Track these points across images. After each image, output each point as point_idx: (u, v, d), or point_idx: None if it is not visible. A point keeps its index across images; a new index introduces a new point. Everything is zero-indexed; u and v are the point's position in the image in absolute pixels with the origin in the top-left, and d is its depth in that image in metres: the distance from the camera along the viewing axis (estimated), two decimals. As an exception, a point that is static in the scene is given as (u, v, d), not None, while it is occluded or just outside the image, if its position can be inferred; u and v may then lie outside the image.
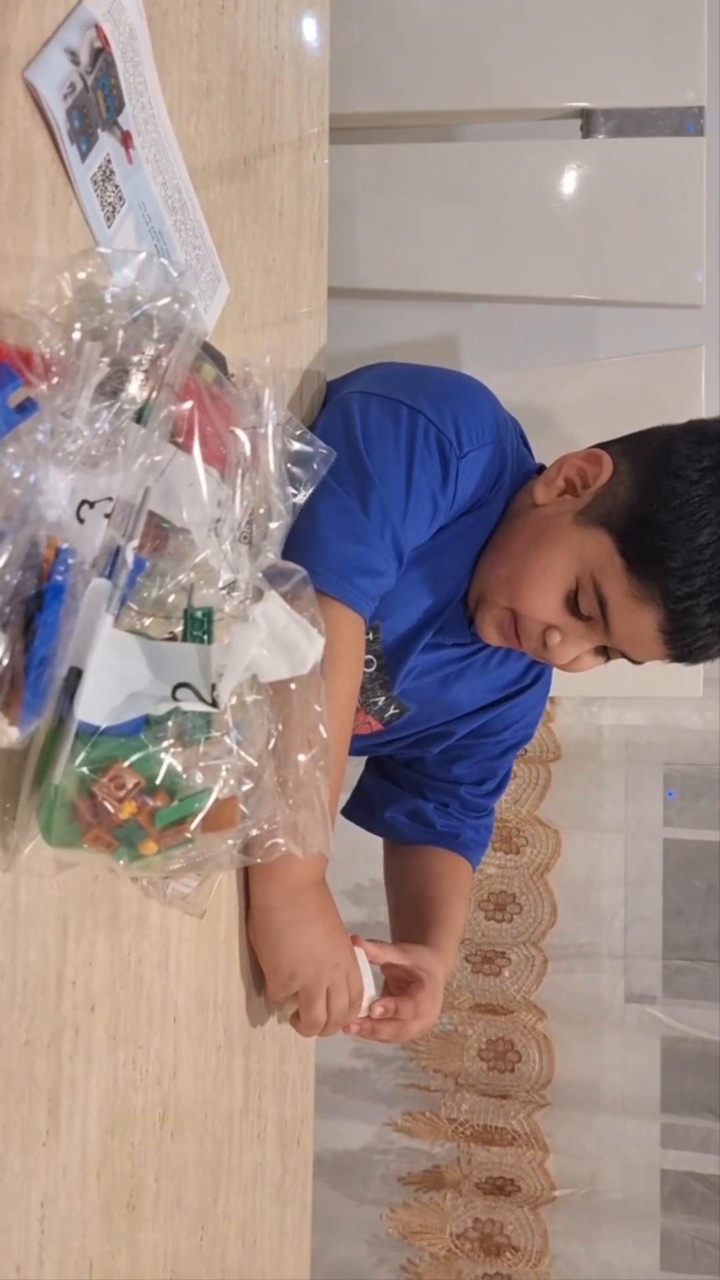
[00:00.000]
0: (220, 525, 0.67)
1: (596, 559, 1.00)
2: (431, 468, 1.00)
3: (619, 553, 0.99)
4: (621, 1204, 1.84)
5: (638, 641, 1.02)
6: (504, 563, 1.07)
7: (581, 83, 1.52)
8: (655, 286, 1.52)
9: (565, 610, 1.03)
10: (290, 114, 1.06)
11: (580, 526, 1.01)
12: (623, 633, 1.01)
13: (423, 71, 1.51)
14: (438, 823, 1.23)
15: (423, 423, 1.00)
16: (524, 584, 1.03)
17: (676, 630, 0.98)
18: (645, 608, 0.98)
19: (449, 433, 1.01)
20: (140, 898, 0.75)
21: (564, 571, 1.01)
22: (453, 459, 1.01)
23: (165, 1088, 0.80)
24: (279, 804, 0.63)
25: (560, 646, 1.04)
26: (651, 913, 1.88)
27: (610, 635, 1.02)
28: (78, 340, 0.53)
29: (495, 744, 1.27)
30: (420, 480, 0.99)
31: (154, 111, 0.79)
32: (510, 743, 1.29)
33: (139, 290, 0.55)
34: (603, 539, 1.00)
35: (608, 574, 0.99)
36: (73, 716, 0.56)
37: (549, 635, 1.04)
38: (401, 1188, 1.92)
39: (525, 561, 1.04)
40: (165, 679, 0.60)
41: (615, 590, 0.99)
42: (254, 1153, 0.98)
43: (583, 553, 1.00)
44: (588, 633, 1.04)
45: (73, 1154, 0.68)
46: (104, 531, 0.57)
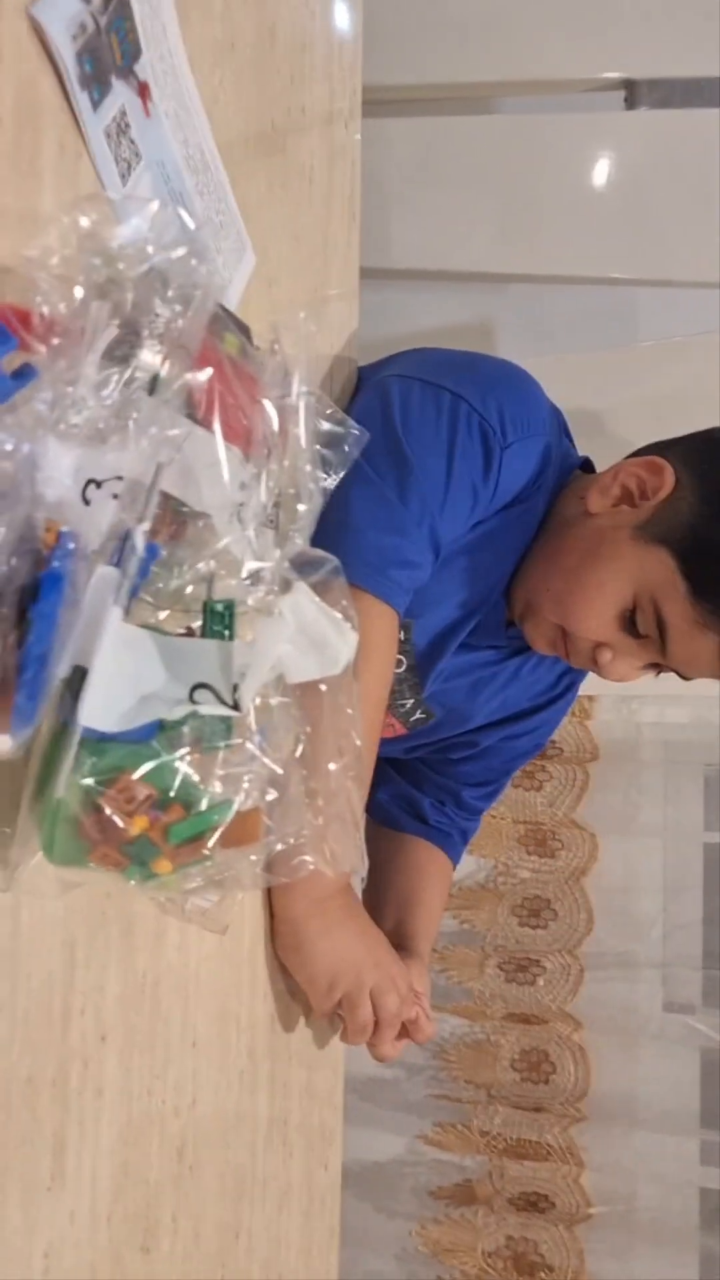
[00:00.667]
0: (244, 510, 0.61)
1: (657, 580, 0.94)
2: (473, 457, 0.94)
3: (682, 575, 0.93)
4: (659, 1223, 1.77)
5: (696, 665, 0.97)
6: (555, 577, 1.01)
7: (624, 52, 1.44)
8: (701, 265, 1.45)
9: (619, 628, 0.98)
10: (321, 77, 1.00)
11: (639, 543, 0.96)
12: (681, 655, 0.96)
13: (458, 41, 1.44)
14: (430, 818, 1.19)
15: (465, 409, 0.95)
16: (577, 602, 0.98)
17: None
18: (707, 633, 0.93)
19: (493, 421, 0.95)
20: (157, 915, 0.70)
21: (620, 589, 0.96)
22: (496, 449, 0.95)
23: (184, 1119, 0.75)
24: (307, 817, 0.57)
25: (612, 664, 1.00)
26: (691, 920, 1.81)
27: (666, 656, 0.97)
28: (82, 298, 0.46)
29: (509, 750, 1.22)
30: (461, 469, 0.94)
31: (174, 62, 0.73)
32: (523, 750, 1.25)
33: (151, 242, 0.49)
34: (665, 559, 0.94)
35: (669, 596, 0.94)
36: (76, 721, 0.50)
37: (600, 653, 1.00)
38: (432, 1202, 1.86)
39: (578, 578, 0.98)
40: (182, 679, 0.54)
41: (676, 614, 0.94)
42: (279, 1181, 0.92)
43: (642, 572, 0.95)
44: (641, 651, 0.99)
45: (80, 1198, 0.63)
46: (112, 514, 0.51)
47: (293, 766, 0.58)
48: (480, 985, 1.83)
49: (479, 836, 1.83)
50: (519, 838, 1.84)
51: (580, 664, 1.03)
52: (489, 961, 1.84)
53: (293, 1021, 0.93)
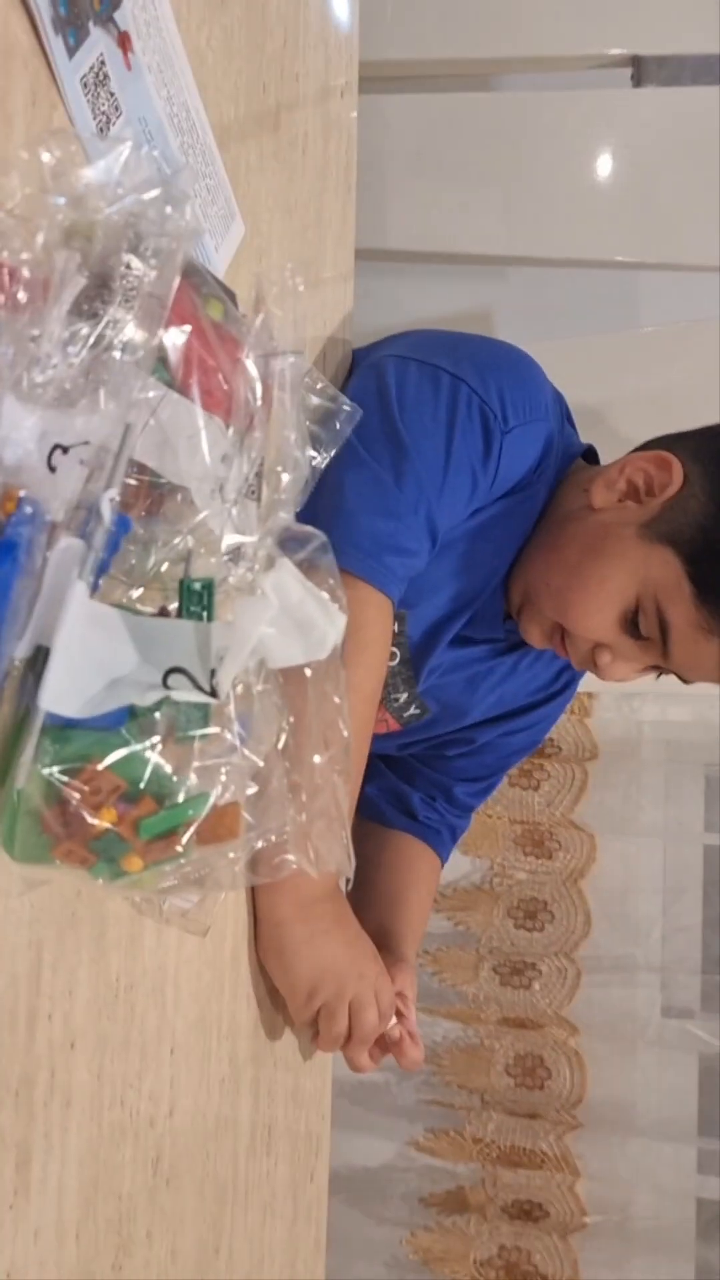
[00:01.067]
0: (225, 484, 0.57)
1: (662, 581, 0.91)
2: (473, 440, 0.91)
3: (688, 577, 0.90)
4: (655, 1233, 1.73)
5: (698, 669, 0.94)
6: (555, 571, 0.97)
7: (631, 28, 1.40)
8: (709, 248, 1.41)
9: (620, 629, 0.94)
10: (316, 43, 0.96)
11: (645, 541, 0.92)
12: (683, 659, 0.93)
13: (459, 16, 1.40)
14: (420, 813, 1.15)
15: (465, 391, 0.91)
16: (576, 599, 0.95)
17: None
18: (712, 638, 0.90)
19: (493, 404, 0.91)
20: (132, 915, 0.66)
21: (623, 589, 0.92)
22: (496, 433, 0.91)
23: (160, 1130, 0.71)
24: (290, 813, 0.53)
25: (610, 665, 0.96)
26: (691, 923, 1.77)
27: (668, 659, 0.94)
28: (44, 243, 0.43)
29: (505, 746, 1.19)
30: (460, 453, 0.90)
31: (158, 13, 0.69)
32: (519, 747, 1.21)
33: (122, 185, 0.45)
34: (670, 559, 0.90)
35: (674, 599, 0.90)
36: (38, 706, 0.46)
37: (599, 653, 0.96)
38: (423, 1209, 1.82)
39: (579, 574, 0.95)
40: (155, 663, 0.50)
41: (680, 617, 0.90)
42: (262, 1193, 0.88)
43: (647, 571, 0.91)
44: (642, 653, 0.95)
45: (46, 1214, 0.59)
46: (79, 482, 0.47)
47: (275, 758, 0.54)
48: (474, 988, 1.79)
49: (474, 836, 1.79)
50: (515, 838, 1.80)
51: (578, 663, 1.00)
52: (483, 964, 1.80)
53: (278, 1027, 0.89)
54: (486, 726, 1.16)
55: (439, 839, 1.15)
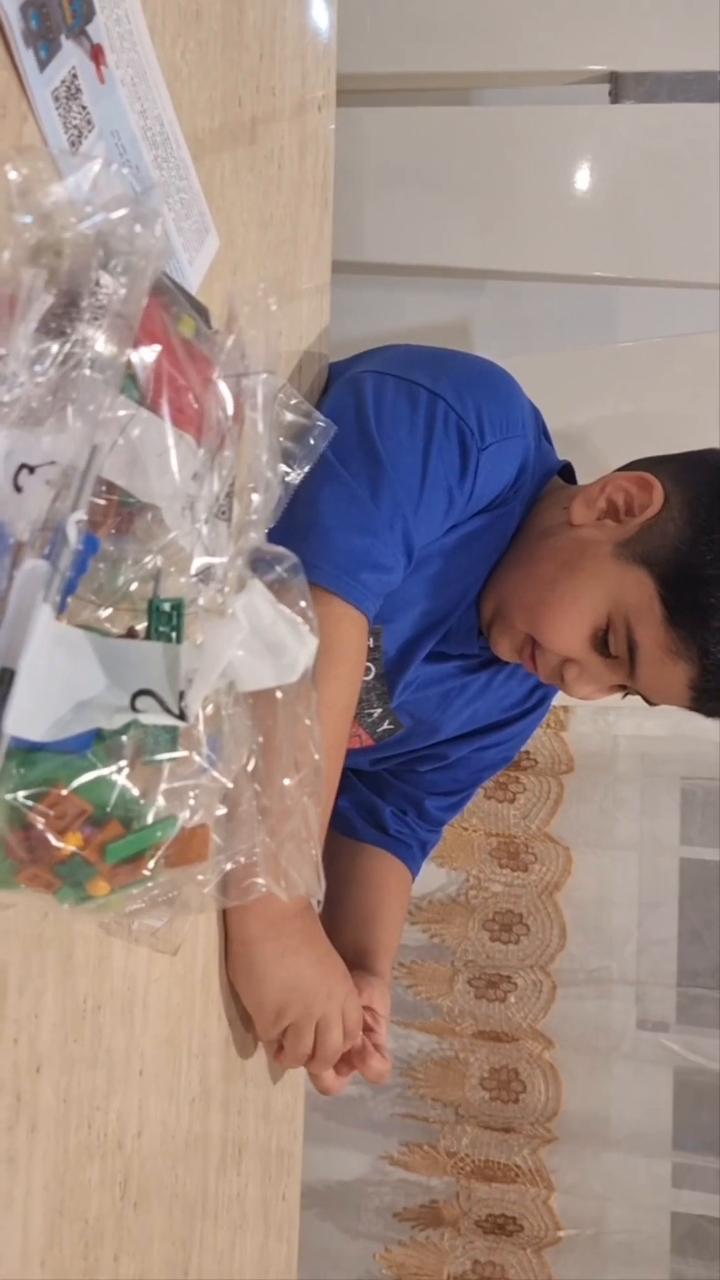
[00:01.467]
0: (195, 502, 0.56)
1: (634, 601, 0.91)
2: (450, 458, 0.91)
3: (660, 600, 0.90)
4: (629, 1247, 1.73)
5: (663, 692, 0.95)
6: (529, 586, 0.98)
7: (611, 44, 1.41)
8: (685, 265, 1.41)
9: (590, 646, 0.95)
10: (293, 57, 0.96)
11: (621, 561, 0.93)
12: (648, 680, 0.94)
13: (438, 29, 1.40)
14: (391, 827, 1.15)
15: (443, 408, 0.91)
16: (550, 614, 0.95)
17: (708, 690, 0.92)
18: (679, 662, 0.91)
19: (471, 421, 0.91)
20: (100, 936, 0.65)
21: (595, 606, 0.93)
22: (473, 450, 0.91)
23: (128, 1152, 0.70)
24: (259, 835, 0.53)
25: (577, 681, 0.97)
26: (666, 936, 1.77)
27: (634, 679, 0.95)
28: (9, 260, 0.42)
29: (478, 761, 1.19)
30: (437, 470, 0.90)
31: (132, 26, 0.68)
32: (492, 762, 1.21)
33: (91, 203, 0.45)
34: (644, 580, 0.91)
35: (645, 620, 0.91)
36: (1, 730, 0.45)
37: (567, 669, 0.97)
38: (397, 1223, 1.81)
39: (554, 589, 0.95)
40: (123, 684, 0.50)
41: (649, 639, 0.91)
42: (232, 1214, 0.87)
43: (620, 591, 0.92)
44: (609, 672, 0.96)
45: (10, 1243, 0.58)
46: (45, 503, 0.46)
47: (244, 781, 0.54)
48: (449, 1002, 1.79)
49: (450, 848, 1.79)
50: (491, 850, 1.80)
51: (546, 677, 1.00)
52: (459, 977, 1.79)
53: (249, 1044, 0.88)
54: (459, 742, 1.16)
55: (410, 853, 1.15)
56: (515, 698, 1.17)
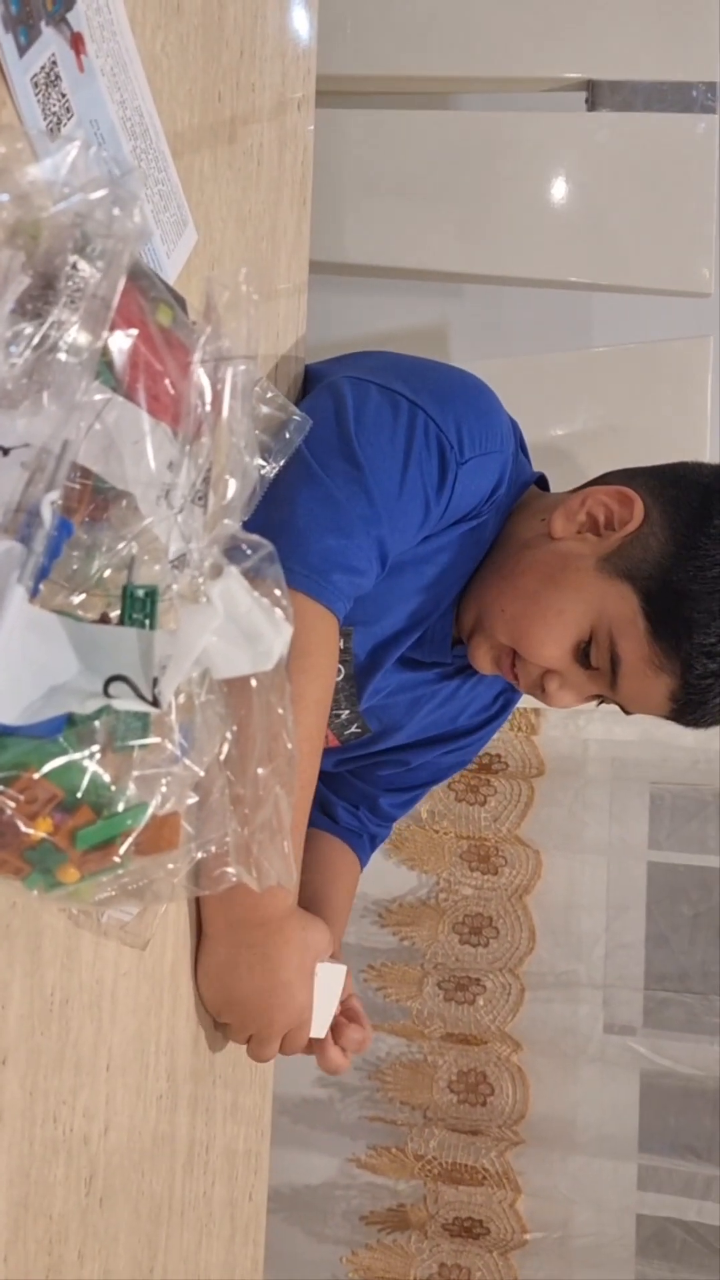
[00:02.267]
0: (171, 490, 0.56)
1: (617, 615, 0.92)
2: (429, 469, 0.91)
3: (643, 614, 0.92)
4: (595, 1249, 1.73)
5: (643, 703, 0.96)
6: (511, 598, 0.98)
7: (588, 53, 1.42)
8: (660, 272, 1.43)
9: (572, 658, 0.96)
10: (273, 54, 0.96)
11: (603, 575, 0.94)
12: (629, 692, 0.95)
13: (418, 33, 1.41)
14: (341, 820, 1.15)
15: (423, 419, 0.92)
16: (533, 626, 0.96)
17: (688, 703, 0.94)
18: (661, 675, 0.92)
19: (450, 435, 0.92)
20: (69, 928, 0.64)
21: (578, 619, 0.94)
22: (452, 464, 0.92)
23: (94, 1148, 0.69)
24: (231, 824, 0.52)
25: (559, 692, 0.98)
26: (634, 940, 1.78)
27: (615, 691, 0.96)
28: (-12, 241, 0.42)
29: (436, 765, 1.20)
30: (415, 480, 0.90)
31: (112, 16, 0.68)
32: (450, 765, 1.22)
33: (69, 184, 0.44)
34: (627, 595, 0.92)
35: (628, 634, 0.92)
36: (-27, 712, 0.45)
37: (548, 680, 0.98)
38: (364, 1227, 1.80)
39: (537, 602, 0.96)
40: (96, 670, 0.49)
41: (632, 652, 0.92)
42: (199, 1212, 0.87)
43: (603, 604, 0.93)
44: (590, 683, 0.97)
45: (-27, 1236, 0.57)
46: (19, 484, 0.46)
47: (216, 769, 0.54)
48: (419, 1004, 1.79)
49: (421, 851, 1.79)
50: (462, 853, 1.80)
51: (526, 687, 1.01)
52: (428, 979, 1.79)
53: (218, 1042, 0.88)
54: (421, 749, 1.16)
55: (359, 843, 1.15)
56: (481, 703, 1.17)
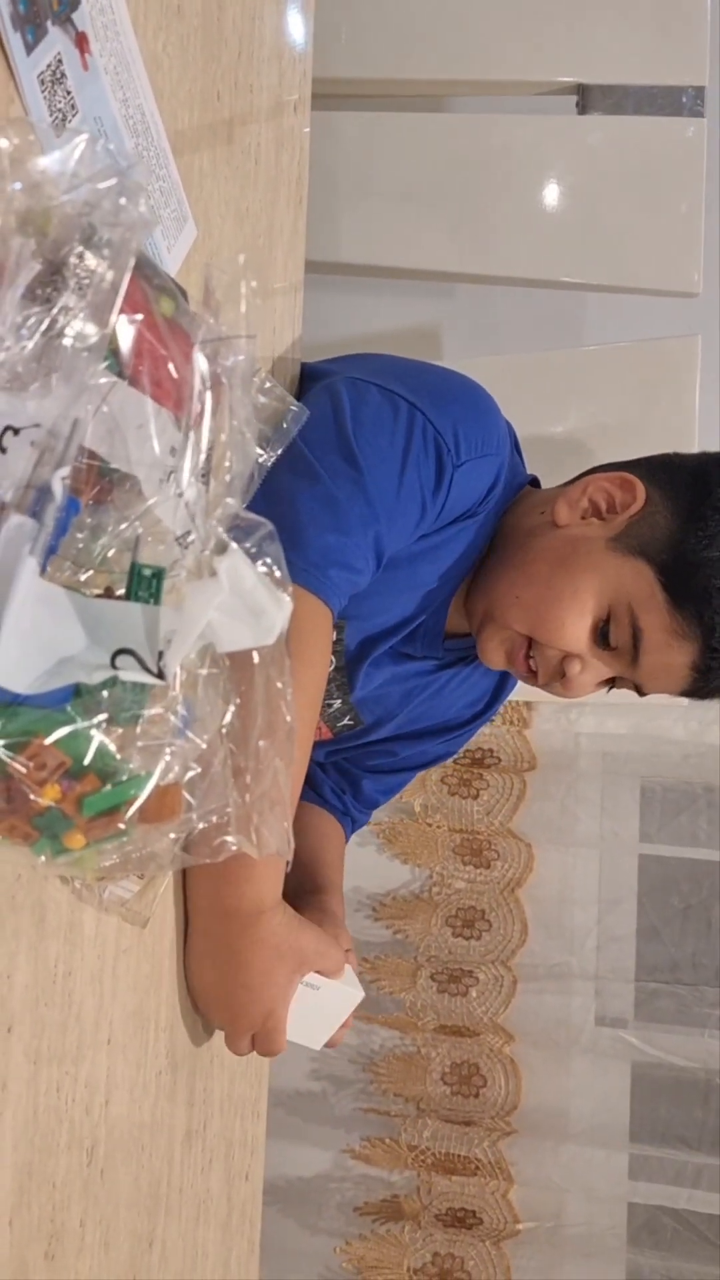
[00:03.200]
0: (174, 473, 0.58)
1: (636, 590, 0.95)
2: (426, 471, 0.93)
3: (662, 587, 0.94)
4: (586, 1239, 1.75)
5: (664, 676, 0.98)
6: (524, 585, 1.00)
7: (579, 57, 1.44)
8: (650, 272, 1.45)
9: (591, 639, 0.97)
10: (270, 56, 0.98)
11: (617, 554, 0.96)
12: (652, 667, 0.97)
13: (412, 38, 1.44)
14: (328, 795, 1.16)
15: (422, 422, 0.94)
16: (550, 610, 0.97)
17: (710, 669, 0.95)
18: (684, 644, 0.94)
19: (447, 438, 0.94)
20: (73, 903, 0.66)
21: (596, 598, 0.96)
22: (449, 466, 0.94)
23: (95, 1118, 0.71)
24: (231, 795, 0.54)
25: (580, 676, 0.99)
26: (625, 932, 1.80)
27: (636, 669, 0.98)
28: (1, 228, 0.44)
29: (422, 756, 1.22)
30: (412, 481, 0.93)
31: (115, 17, 0.70)
32: (436, 756, 1.24)
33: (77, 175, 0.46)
34: (643, 570, 0.95)
35: (649, 607, 0.94)
36: (-14, 680, 0.46)
37: (569, 664, 0.99)
38: (358, 1218, 1.82)
39: (551, 586, 0.98)
40: (102, 644, 0.51)
41: (655, 625, 0.94)
42: (197, 1189, 0.89)
43: (620, 582, 0.95)
44: (610, 663, 0.99)
45: (-20, 1198, 0.59)
46: (29, 462, 0.48)
47: (218, 741, 0.55)
48: (412, 996, 1.81)
49: (414, 845, 1.81)
50: (454, 847, 1.82)
51: (544, 677, 1.02)
52: (421, 972, 1.81)
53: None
54: (410, 740, 1.18)
55: (346, 817, 1.17)
56: (471, 697, 1.19)
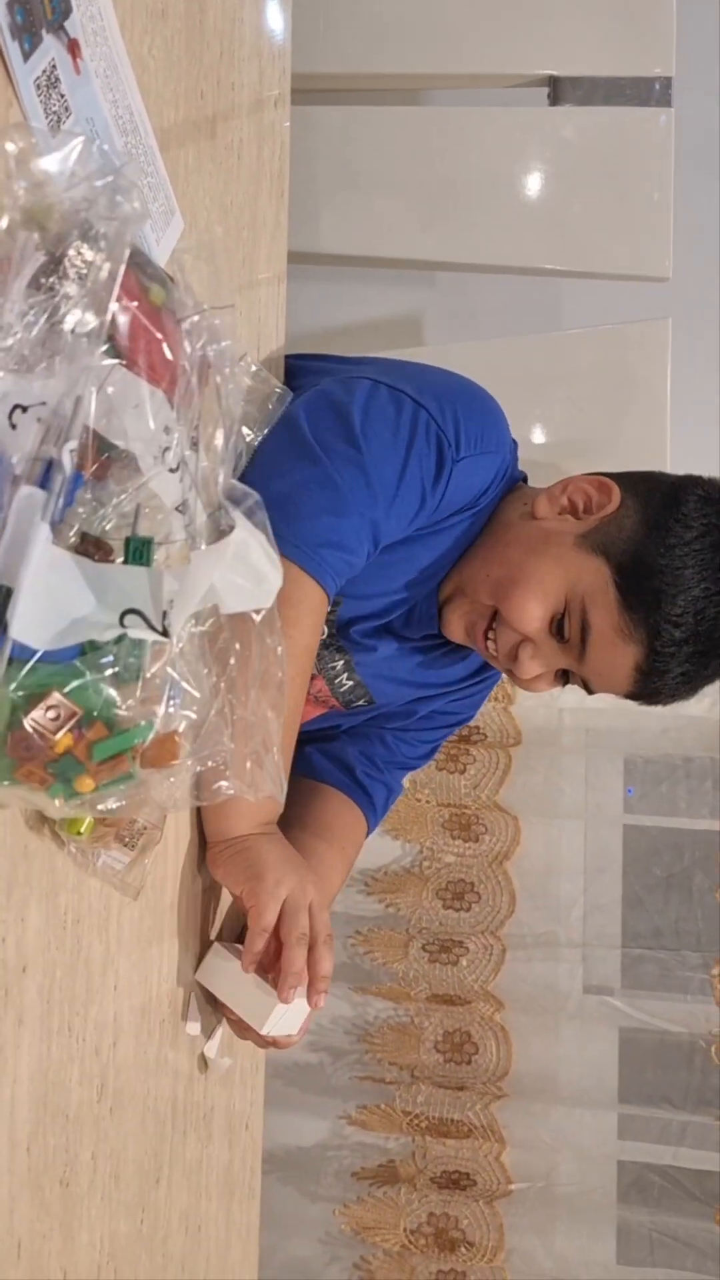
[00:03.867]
0: (168, 449, 0.63)
1: (591, 586, 1.00)
2: (427, 463, 0.98)
3: (615, 585, 0.99)
4: (577, 1197, 1.80)
5: (608, 675, 1.02)
6: (497, 564, 1.05)
7: (549, 50, 1.49)
8: (621, 258, 1.50)
9: (546, 628, 1.02)
10: (250, 55, 1.02)
11: (581, 550, 1.01)
12: (597, 663, 1.02)
13: (387, 32, 1.48)
14: (358, 768, 1.19)
15: (424, 417, 0.99)
16: (517, 589, 1.02)
17: (651, 672, 1.00)
18: (628, 645, 0.99)
19: (449, 433, 0.99)
20: (79, 856, 0.71)
21: (556, 589, 1.01)
22: (449, 460, 0.99)
23: (104, 1059, 0.76)
24: (225, 741, 0.59)
25: (530, 661, 1.04)
26: (610, 901, 1.85)
27: (583, 664, 1.02)
28: (7, 225, 0.48)
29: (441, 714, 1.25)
30: (414, 472, 0.98)
31: (104, 23, 0.75)
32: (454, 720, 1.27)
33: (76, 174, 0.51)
34: (601, 568, 1.00)
35: (599, 604, 0.99)
36: (6, 637, 0.51)
37: (523, 648, 1.04)
38: (355, 1183, 1.87)
39: (522, 569, 1.03)
40: (111, 605, 0.56)
41: (603, 621, 0.99)
42: (199, 1133, 0.93)
43: (579, 577, 1.00)
44: (560, 655, 1.03)
45: (0, 1123, 0.63)
46: (36, 437, 0.52)
47: (212, 693, 0.60)
48: (404, 966, 1.86)
49: (404, 821, 1.86)
50: (443, 822, 1.87)
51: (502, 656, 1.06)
52: (413, 943, 1.86)
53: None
54: (425, 701, 1.22)
55: (371, 804, 1.18)
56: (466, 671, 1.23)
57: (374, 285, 1.78)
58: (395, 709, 1.21)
